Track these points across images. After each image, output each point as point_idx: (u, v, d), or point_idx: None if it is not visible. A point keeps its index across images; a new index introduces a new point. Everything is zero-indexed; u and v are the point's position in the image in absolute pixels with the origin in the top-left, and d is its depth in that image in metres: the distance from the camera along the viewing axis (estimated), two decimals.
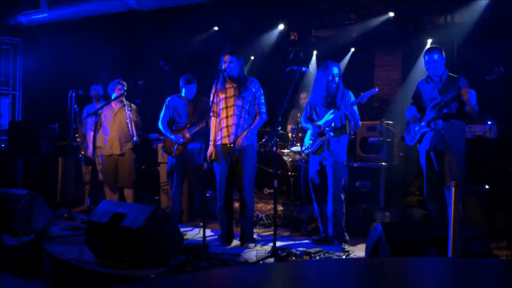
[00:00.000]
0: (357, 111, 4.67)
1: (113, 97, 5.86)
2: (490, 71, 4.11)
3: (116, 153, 5.91)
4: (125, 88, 5.86)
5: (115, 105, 5.92)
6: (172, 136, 5.58)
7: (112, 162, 5.94)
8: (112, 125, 5.91)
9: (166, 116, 5.69)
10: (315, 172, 4.78)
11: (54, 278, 4.05)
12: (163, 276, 3.44)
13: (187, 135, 5.57)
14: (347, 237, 4.66)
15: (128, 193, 6.02)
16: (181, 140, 5.57)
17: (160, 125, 5.70)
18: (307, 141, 4.84)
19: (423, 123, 4.40)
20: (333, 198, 4.62)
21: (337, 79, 4.65)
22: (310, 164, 4.84)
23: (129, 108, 5.85)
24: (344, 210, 4.68)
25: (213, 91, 4.63)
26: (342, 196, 4.68)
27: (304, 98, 7.15)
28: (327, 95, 4.67)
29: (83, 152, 6.52)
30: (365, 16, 7.49)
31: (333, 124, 4.65)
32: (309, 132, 4.86)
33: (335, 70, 4.65)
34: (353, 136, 6.04)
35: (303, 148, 4.90)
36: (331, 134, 4.63)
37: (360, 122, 4.73)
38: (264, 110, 4.70)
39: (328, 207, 4.66)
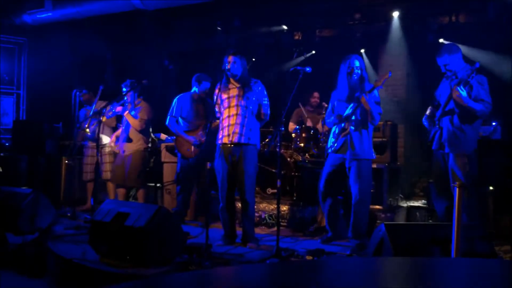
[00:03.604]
0: (376, 103, 4.47)
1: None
2: (495, 71, 4.07)
3: (124, 153, 5.94)
4: (127, 88, 5.86)
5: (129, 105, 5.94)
6: (191, 138, 5.43)
7: (121, 161, 5.95)
8: (124, 125, 5.96)
9: (176, 115, 5.54)
10: (332, 171, 4.68)
11: (57, 277, 4.06)
12: (166, 275, 3.44)
13: (203, 136, 5.41)
14: (366, 242, 4.41)
15: (139, 193, 6.05)
16: (197, 141, 5.41)
17: (171, 125, 5.55)
18: (331, 140, 4.71)
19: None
20: (357, 200, 4.53)
21: (358, 71, 4.51)
22: (328, 161, 4.73)
23: (129, 108, 5.85)
24: (367, 214, 4.61)
25: (216, 91, 4.64)
26: (369, 199, 4.57)
27: (317, 97, 7.11)
28: (348, 89, 4.55)
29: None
30: (369, 16, 7.48)
31: (353, 118, 4.49)
32: (332, 131, 4.74)
33: (356, 63, 4.52)
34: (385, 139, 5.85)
35: (328, 146, 4.75)
36: (352, 128, 4.48)
37: (378, 116, 4.50)
38: (267, 112, 4.69)
39: (352, 208, 4.59)
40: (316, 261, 3.94)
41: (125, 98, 5.90)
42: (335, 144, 4.62)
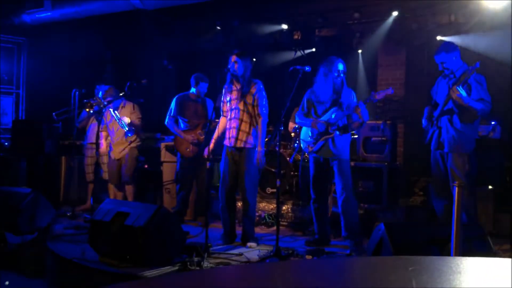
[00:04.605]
0: (366, 110, 4.49)
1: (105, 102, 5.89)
2: (494, 71, 4.06)
3: (117, 157, 5.94)
4: (110, 95, 5.87)
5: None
6: (188, 137, 5.46)
7: (116, 162, 5.95)
8: (114, 129, 5.95)
9: (175, 114, 5.55)
10: (317, 172, 4.69)
11: (57, 277, 4.06)
12: (166, 275, 3.44)
13: (202, 135, 5.44)
14: (361, 239, 4.47)
15: (129, 188, 6.04)
16: (195, 140, 5.44)
17: (170, 124, 5.57)
18: (307, 138, 4.69)
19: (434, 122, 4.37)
20: (343, 199, 4.54)
21: (342, 75, 4.52)
22: (311, 163, 4.73)
23: (116, 115, 5.83)
24: (357, 212, 4.61)
25: (224, 91, 4.70)
26: (353, 196, 4.56)
27: None
28: (333, 92, 4.54)
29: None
30: (368, 16, 7.48)
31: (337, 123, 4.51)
32: (306, 130, 4.72)
33: (340, 67, 4.53)
34: (355, 136, 5.97)
35: (304, 147, 4.76)
36: (337, 132, 4.49)
37: (365, 124, 4.56)
38: (265, 112, 4.66)
39: (339, 208, 4.60)
40: (315, 261, 3.94)
41: (123, 100, 5.92)
42: (314, 146, 4.61)
